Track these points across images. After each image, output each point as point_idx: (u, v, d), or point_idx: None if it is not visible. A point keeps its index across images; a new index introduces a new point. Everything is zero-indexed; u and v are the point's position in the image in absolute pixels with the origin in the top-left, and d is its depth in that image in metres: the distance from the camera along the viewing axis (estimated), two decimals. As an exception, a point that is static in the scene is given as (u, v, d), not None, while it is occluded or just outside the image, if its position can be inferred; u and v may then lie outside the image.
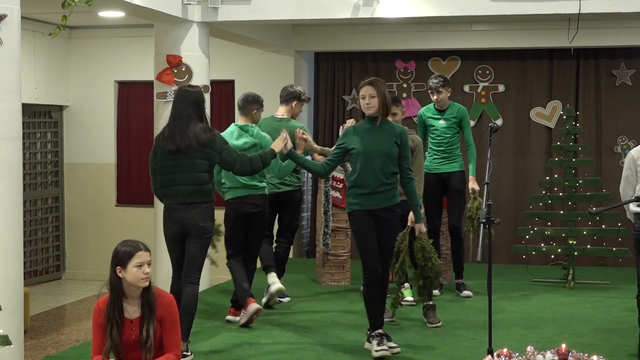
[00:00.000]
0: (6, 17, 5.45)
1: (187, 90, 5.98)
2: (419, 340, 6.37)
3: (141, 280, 4.33)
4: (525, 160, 10.52)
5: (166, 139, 5.85)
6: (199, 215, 5.82)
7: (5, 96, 5.53)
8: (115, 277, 4.35)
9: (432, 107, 7.98)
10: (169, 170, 5.85)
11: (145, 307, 4.35)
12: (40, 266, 11.11)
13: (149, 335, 4.30)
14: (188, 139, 5.77)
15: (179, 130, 5.80)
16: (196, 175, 5.82)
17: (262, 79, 10.36)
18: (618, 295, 8.10)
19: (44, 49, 10.60)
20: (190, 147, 5.77)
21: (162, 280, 8.20)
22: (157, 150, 5.94)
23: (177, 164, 5.81)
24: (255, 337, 6.51)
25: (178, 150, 5.78)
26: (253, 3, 8.21)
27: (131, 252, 4.34)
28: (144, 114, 10.87)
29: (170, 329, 4.41)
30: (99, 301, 4.42)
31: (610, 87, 10.32)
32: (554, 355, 4.24)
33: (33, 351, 7.48)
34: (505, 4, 7.82)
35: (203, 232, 5.87)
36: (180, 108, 5.87)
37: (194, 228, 5.82)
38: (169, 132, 5.86)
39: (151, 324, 4.33)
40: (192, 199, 5.81)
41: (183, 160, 5.80)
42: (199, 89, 6.04)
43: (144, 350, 4.31)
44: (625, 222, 7.64)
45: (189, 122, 5.81)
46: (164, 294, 4.47)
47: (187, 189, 5.82)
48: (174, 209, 5.86)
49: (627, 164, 5.84)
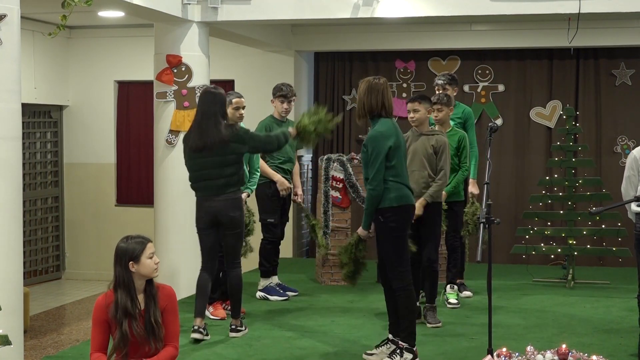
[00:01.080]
0: (6, 17, 5.45)
1: (212, 92, 6.34)
2: (419, 340, 6.36)
3: (154, 270, 4.45)
4: (525, 160, 10.52)
5: (193, 138, 6.26)
6: (229, 205, 6.25)
7: (5, 96, 5.53)
8: (126, 272, 4.40)
9: None
10: (199, 166, 6.27)
11: (150, 298, 4.43)
12: (40, 266, 11.11)
13: (158, 325, 4.38)
14: (213, 137, 6.17)
15: (205, 128, 6.20)
16: (224, 170, 6.22)
17: (262, 79, 10.36)
18: (618, 295, 8.10)
19: (43, 48, 10.61)
20: (215, 144, 6.16)
21: (162, 281, 8.17)
22: (185, 148, 6.38)
23: (205, 161, 6.22)
24: (255, 337, 6.51)
25: (204, 147, 6.19)
26: (253, 3, 8.20)
27: (142, 244, 4.44)
28: (143, 114, 10.88)
29: (170, 319, 4.48)
30: (101, 298, 4.46)
31: (610, 87, 10.32)
32: (554, 355, 4.23)
33: (33, 351, 7.49)
34: (505, 4, 7.82)
35: (233, 221, 6.31)
36: (206, 108, 6.26)
37: (225, 218, 6.26)
38: (196, 130, 6.26)
39: (157, 313, 4.41)
40: (222, 190, 6.25)
41: (211, 157, 6.20)
42: (222, 91, 6.39)
43: (152, 339, 4.37)
44: (626, 222, 7.64)
45: (214, 121, 6.20)
46: (163, 285, 4.57)
47: (217, 182, 6.23)
48: (205, 199, 6.30)
49: (629, 163, 5.84)
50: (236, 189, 6.33)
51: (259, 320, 7.06)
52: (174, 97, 8.26)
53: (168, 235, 8.16)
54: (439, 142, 6.63)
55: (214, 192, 6.24)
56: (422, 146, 6.60)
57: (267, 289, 7.91)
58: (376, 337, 6.33)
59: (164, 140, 8.24)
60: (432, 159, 6.61)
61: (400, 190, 5.68)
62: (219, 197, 6.24)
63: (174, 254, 8.13)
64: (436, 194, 6.61)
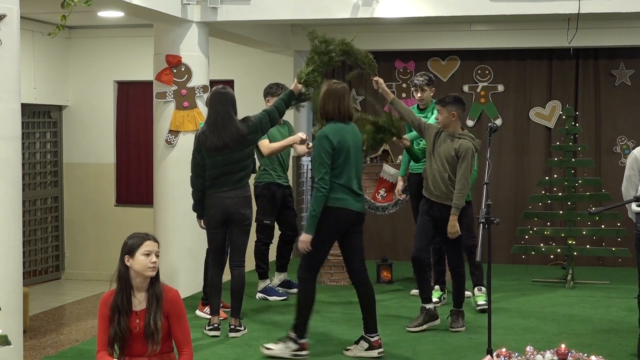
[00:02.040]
0: (5, 17, 5.45)
1: (223, 93, 6.51)
2: (418, 340, 6.36)
3: (148, 269, 4.38)
4: (524, 160, 10.51)
5: (211, 137, 6.38)
6: (241, 203, 6.44)
7: (5, 96, 5.53)
8: (123, 266, 4.41)
9: (416, 106, 7.86)
10: (220, 164, 6.40)
11: (152, 299, 4.39)
12: (40, 266, 11.11)
13: (156, 327, 4.34)
14: (232, 134, 6.36)
15: (223, 127, 6.38)
16: (243, 163, 6.48)
17: (262, 79, 10.31)
18: (617, 295, 8.10)
19: (43, 49, 10.61)
20: (235, 141, 6.35)
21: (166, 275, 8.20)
22: (201, 147, 6.46)
23: (226, 157, 6.38)
24: (254, 337, 6.51)
25: (224, 145, 6.36)
26: (252, 3, 8.21)
27: (140, 240, 4.43)
28: (143, 114, 10.87)
29: (178, 324, 4.45)
30: (106, 294, 4.46)
31: (609, 87, 10.31)
32: (554, 355, 4.24)
33: (32, 351, 7.49)
34: (504, 4, 7.82)
35: (244, 219, 6.47)
36: (220, 108, 6.43)
37: (237, 215, 6.40)
38: (213, 131, 6.39)
39: (158, 316, 4.36)
40: (238, 183, 6.46)
41: (231, 154, 6.37)
42: (230, 90, 6.60)
43: (149, 341, 4.34)
44: (626, 222, 7.64)
45: (230, 120, 6.40)
46: (169, 288, 4.51)
47: (237, 176, 6.45)
48: (219, 195, 6.43)
49: (629, 163, 5.84)
50: (247, 183, 6.56)
51: (259, 320, 7.06)
52: (173, 97, 8.26)
53: (168, 235, 8.16)
54: (461, 147, 6.45)
55: (230, 186, 6.42)
56: (446, 148, 6.52)
57: (266, 290, 7.92)
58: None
59: (164, 140, 8.25)
60: (453, 162, 6.49)
61: (336, 192, 5.73)
62: (234, 191, 6.41)
63: (173, 254, 8.14)
64: (460, 203, 6.48)
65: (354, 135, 5.89)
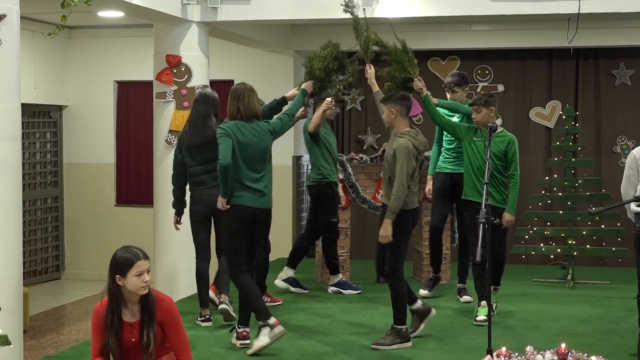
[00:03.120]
0: (5, 17, 5.45)
1: (205, 94, 6.91)
2: (418, 339, 6.36)
3: (141, 289, 4.35)
4: (524, 160, 10.46)
5: (190, 135, 6.77)
6: None
7: (5, 96, 5.53)
8: (114, 284, 4.35)
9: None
10: (200, 161, 6.74)
11: (144, 311, 4.36)
12: (40, 266, 11.11)
13: (149, 339, 4.32)
14: (208, 134, 6.67)
15: (202, 127, 6.74)
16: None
17: (262, 79, 10.32)
18: (617, 295, 8.10)
19: (43, 49, 10.61)
20: (211, 140, 6.50)
21: (162, 281, 8.21)
22: (181, 145, 6.82)
23: (206, 155, 6.68)
24: (254, 337, 6.50)
25: (201, 144, 6.70)
26: (252, 3, 8.21)
27: (131, 261, 4.34)
28: (143, 114, 10.87)
29: (174, 331, 4.42)
30: (98, 305, 4.43)
31: (609, 87, 10.32)
32: (554, 355, 4.24)
33: (32, 351, 7.49)
34: (504, 4, 7.82)
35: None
36: (201, 108, 6.82)
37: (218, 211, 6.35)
38: (192, 129, 6.78)
39: (151, 328, 4.34)
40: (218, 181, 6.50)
41: (209, 152, 6.57)
42: (214, 93, 6.97)
43: (145, 354, 4.32)
44: (625, 221, 7.64)
45: (208, 120, 6.75)
46: (162, 297, 4.48)
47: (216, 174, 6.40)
48: (204, 191, 6.76)
49: (628, 163, 5.84)
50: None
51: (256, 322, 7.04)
52: (173, 97, 8.27)
53: (167, 235, 8.15)
54: (397, 146, 6.06)
55: (213, 183, 6.61)
56: (388, 149, 6.24)
57: (340, 284, 8.19)
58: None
59: (164, 140, 8.25)
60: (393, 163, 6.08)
61: (234, 190, 6.06)
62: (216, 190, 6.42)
63: (173, 254, 8.13)
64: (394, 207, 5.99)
65: (241, 133, 6.07)
